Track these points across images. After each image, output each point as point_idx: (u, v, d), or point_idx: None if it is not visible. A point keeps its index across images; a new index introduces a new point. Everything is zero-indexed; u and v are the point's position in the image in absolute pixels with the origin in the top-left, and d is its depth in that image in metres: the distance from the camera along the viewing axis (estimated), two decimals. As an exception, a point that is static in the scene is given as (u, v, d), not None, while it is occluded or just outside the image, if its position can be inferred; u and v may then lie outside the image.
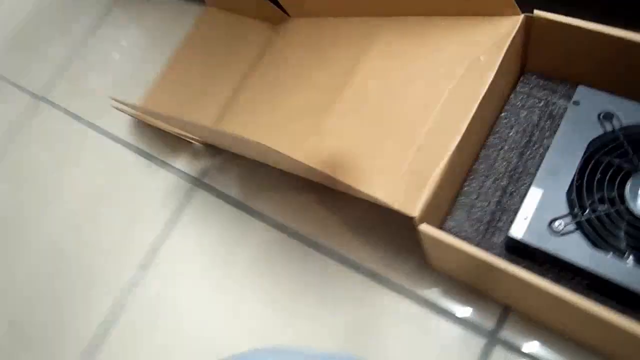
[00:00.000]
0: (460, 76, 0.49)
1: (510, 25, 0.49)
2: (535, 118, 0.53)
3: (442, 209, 0.51)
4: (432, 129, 0.48)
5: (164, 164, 0.74)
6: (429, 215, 0.44)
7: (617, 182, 0.44)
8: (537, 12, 0.48)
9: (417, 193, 0.44)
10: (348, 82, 0.57)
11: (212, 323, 0.62)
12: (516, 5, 0.49)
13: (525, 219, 0.45)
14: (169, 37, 0.81)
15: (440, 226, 0.51)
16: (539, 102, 0.54)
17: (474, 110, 0.46)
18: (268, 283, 0.62)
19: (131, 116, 0.77)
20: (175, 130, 0.71)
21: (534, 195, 0.45)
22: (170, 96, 0.78)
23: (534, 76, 0.55)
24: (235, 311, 0.62)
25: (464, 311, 0.54)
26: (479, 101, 0.46)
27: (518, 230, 0.45)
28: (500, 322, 0.53)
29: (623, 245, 0.42)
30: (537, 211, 0.45)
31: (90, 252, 0.71)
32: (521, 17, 0.49)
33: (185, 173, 0.72)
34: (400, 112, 0.51)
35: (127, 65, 0.85)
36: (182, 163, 0.73)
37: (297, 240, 0.63)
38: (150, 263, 0.68)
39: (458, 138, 0.45)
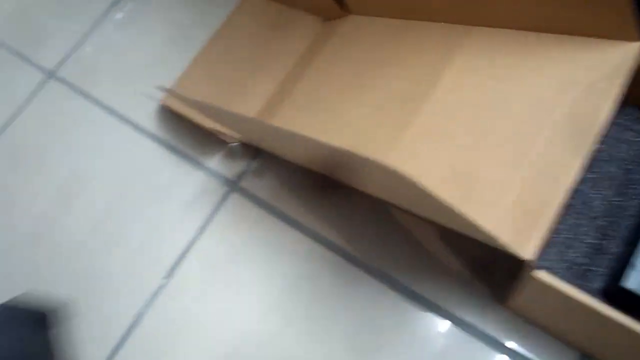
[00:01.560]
0: (572, 102, 0.44)
1: (630, 51, 0.44)
2: (634, 153, 0.49)
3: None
4: (540, 158, 0.43)
5: (195, 163, 0.67)
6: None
7: None
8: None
9: (529, 232, 0.39)
10: (427, 95, 0.51)
11: (240, 341, 0.56)
12: (637, 30, 0.44)
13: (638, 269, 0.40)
14: (206, 20, 0.74)
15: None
16: (639, 137, 0.49)
17: (591, 143, 0.41)
18: (310, 304, 0.56)
19: (163, 105, 0.70)
20: (209, 126, 0.64)
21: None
22: (204, 85, 0.70)
23: (635, 108, 0.50)
24: (268, 331, 0.56)
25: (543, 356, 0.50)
26: (596, 132, 0.41)
27: (633, 280, 0.40)
28: (580, 371, 0.49)
29: None
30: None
31: (114, 256, 0.63)
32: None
33: (219, 174, 0.65)
34: (496, 136, 0.46)
35: (156, 48, 0.77)
36: (216, 163, 0.66)
37: (344, 259, 0.58)
38: (177, 271, 0.61)
39: (573, 174, 0.40)
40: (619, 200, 0.47)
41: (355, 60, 0.60)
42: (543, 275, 0.38)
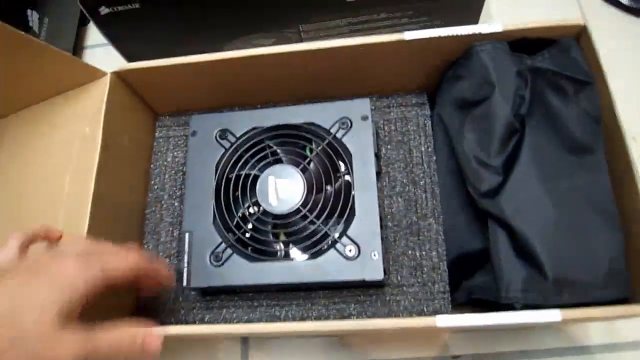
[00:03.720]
0: (76, 155, 0.46)
1: (102, 86, 0.48)
2: (177, 156, 0.53)
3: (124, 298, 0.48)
4: (65, 219, 0.45)
5: None
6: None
7: (249, 192, 0.45)
8: (121, 66, 0.48)
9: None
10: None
11: None
12: (97, 68, 0.48)
13: (188, 264, 0.44)
14: None
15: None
16: (173, 139, 0.54)
17: (92, 187, 0.44)
18: None
19: None
20: None
21: (188, 238, 0.45)
22: None
23: (167, 117, 0.55)
24: None
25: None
26: (94, 175, 0.44)
27: (187, 279, 0.44)
28: (244, 352, 0.53)
29: (275, 246, 0.44)
30: (195, 251, 0.44)
31: None
32: (108, 76, 0.48)
33: None
34: (35, 215, 0.47)
35: None
36: None
37: None
38: None
39: (86, 222, 0.43)
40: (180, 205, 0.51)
41: None
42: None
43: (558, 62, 0.43)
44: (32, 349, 0.29)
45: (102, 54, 0.47)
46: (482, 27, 0.43)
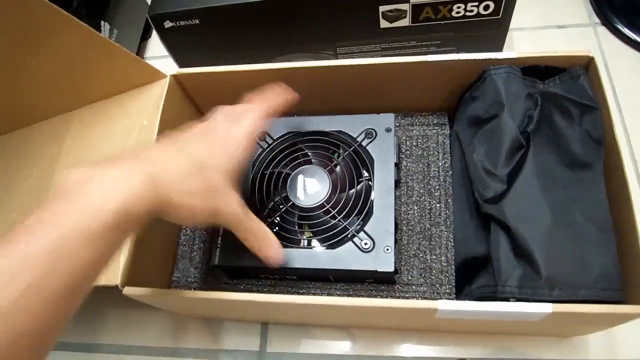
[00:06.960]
0: (134, 142, 0.53)
1: (161, 87, 0.55)
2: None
3: (162, 267, 0.54)
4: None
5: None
6: (137, 277, 0.47)
7: (280, 187, 0.51)
8: (178, 70, 0.55)
9: (117, 263, 0.47)
10: (50, 184, 0.58)
11: None
12: (159, 70, 0.55)
13: (219, 245, 0.49)
14: None
15: (169, 281, 0.54)
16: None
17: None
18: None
19: None
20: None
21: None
22: None
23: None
24: None
25: (230, 343, 0.58)
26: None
27: (215, 259, 0.49)
28: (263, 339, 0.58)
29: (299, 236, 0.49)
30: (227, 234, 0.49)
31: None
32: (167, 78, 0.55)
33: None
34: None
35: None
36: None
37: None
38: None
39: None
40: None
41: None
42: (128, 290, 0.45)
43: (567, 88, 0.48)
44: (215, 195, 0.37)
45: (158, 65, 0.55)
46: (498, 54, 0.49)
